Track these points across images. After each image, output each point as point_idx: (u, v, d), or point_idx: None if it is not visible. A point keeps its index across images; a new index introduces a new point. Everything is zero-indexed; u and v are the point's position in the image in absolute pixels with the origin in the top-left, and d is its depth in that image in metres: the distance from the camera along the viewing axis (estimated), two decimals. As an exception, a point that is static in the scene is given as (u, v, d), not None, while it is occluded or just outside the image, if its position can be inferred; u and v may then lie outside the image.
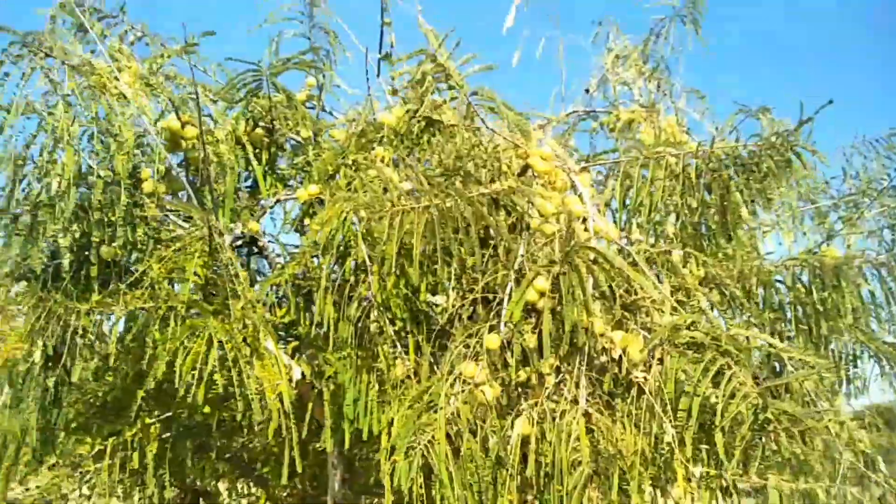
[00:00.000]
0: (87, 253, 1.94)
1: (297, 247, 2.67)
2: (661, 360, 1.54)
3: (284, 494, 3.77)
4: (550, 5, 4.00)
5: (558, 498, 1.49)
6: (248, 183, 2.59)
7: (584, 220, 1.84)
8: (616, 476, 1.46)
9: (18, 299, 1.93)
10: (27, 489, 2.15)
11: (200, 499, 3.34)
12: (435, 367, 1.91)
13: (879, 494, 2.26)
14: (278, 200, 2.52)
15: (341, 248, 2.21)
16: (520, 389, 1.75)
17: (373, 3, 2.95)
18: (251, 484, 3.83)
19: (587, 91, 3.91)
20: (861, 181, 4.14)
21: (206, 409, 2.11)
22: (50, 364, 1.92)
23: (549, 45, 3.87)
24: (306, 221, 2.75)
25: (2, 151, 1.75)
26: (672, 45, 3.94)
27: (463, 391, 1.66)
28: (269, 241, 2.58)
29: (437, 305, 2.09)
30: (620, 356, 1.58)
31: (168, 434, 2.24)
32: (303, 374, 2.43)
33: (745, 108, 3.57)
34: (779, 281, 2.89)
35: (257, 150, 2.45)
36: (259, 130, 2.49)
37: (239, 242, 2.45)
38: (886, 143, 4.18)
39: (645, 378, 1.52)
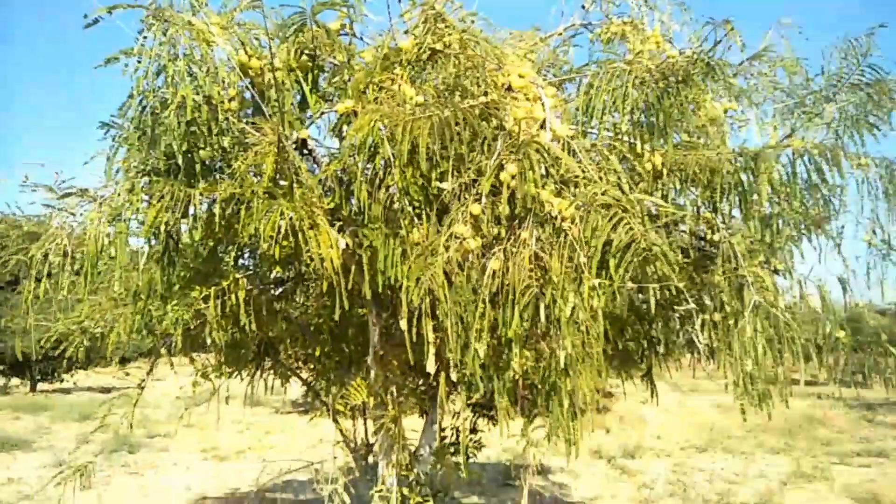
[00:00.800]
0: (191, 155, 2.72)
1: (337, 149, 3.43)
2: (583, 216, 2.26)
3: (334, 355, 4.74)
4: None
5: (515, 309, 2.28)
6: (298, 99, 3.31)
7: (543, 122, 2.52)
8: (550, 289, 2.22)
9: (144, 189, 2.73)
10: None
11: (268, 348, 4.31)
12: (437, 232, 2.68)
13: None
14: (322, 113, 3.25)
15: (371, 148, 2.94)
16: (494, 241, 2.51)
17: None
18: (307, 341, 4.77)
19: (583, 7, 4.44)
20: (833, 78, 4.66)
21: (278, 267, 2.95)
22: (169, 235, 2.75)
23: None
24: (343, 129, 3.50)
25: (135, 86, 2.50)
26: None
27: (455, 243, 2.43)
28: (316, 145, 3.34)
29: (442, 189, 2.83)
30: (558, 214, 2.30)
31: (250, 287, 3.10)
32: (346, 244, 3.25)
33: (712, 20, 4.14)
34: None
35: (304, 74, 3.16)
36: (304, 58, 3.19)
37: (294, 146, 3.21)
38: (861, 43, 4.64)
39: (570, 227, 2.25)
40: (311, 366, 4.59)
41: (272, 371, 4.56)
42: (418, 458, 4.62)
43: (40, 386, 24.81)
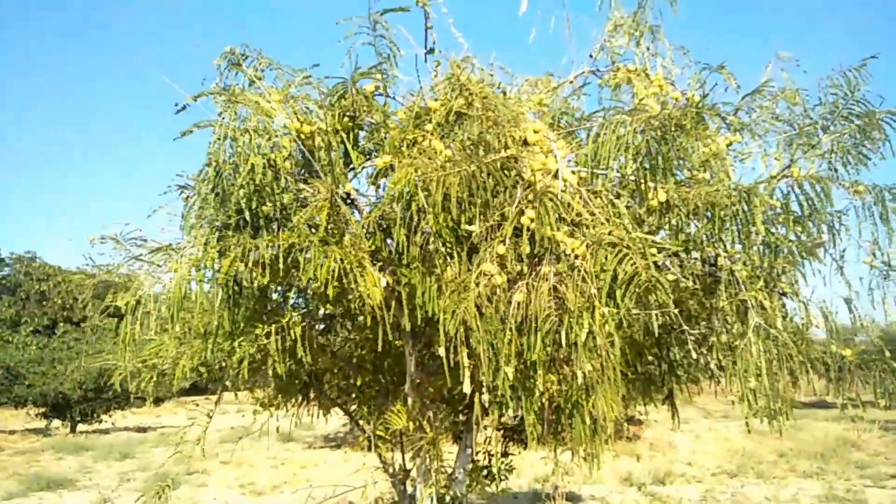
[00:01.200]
0: (256, 211, 3.16)
1: (376, 197, 3.86)
2: (593, 253, 2.62)
3: (374, 385, 5.10)
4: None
5: (538, 335, 2.64)
6: (342, 155, 3.75)
7: (556, 172, 2.90)
8: (567, 317, 2.58)
9: (218, 242, 3.17)
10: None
11: (315, 378, 4.69)
12: (468, 270, 3.06)
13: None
14: (363, 167, 3.69)
15: (408, 197, 3.36)
16: (517, 276, 2.88)
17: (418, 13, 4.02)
18: (348, 373, 5.15)
19: (591, 56, 4.87)
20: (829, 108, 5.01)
21: (329, 305, 3.36)
22: (235, 281, 3.18)
23: (558, 23, 4.82)
24: (381, 180, 3.93)
25: (212, 154, 2.96)
26: (655, 13, 4.85)
27: (484, 279, 2.81)
28: (357, 195, 3.77)
29: (471, 231, 3.22)
30: (572, 252, 2.67)
31: (304, 323, 3.51)
32: (387, 283, 3.65)
33: (708, 65, 4.56)
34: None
35: (347, 134, 3.61)
36: (346, 120, 3.64)
37: (341, 198, 3.64)
38: (853, 76, 4.99)
39: (582, 263, 2.61)
40: (353, 395, 4.96)
41: (317, 402, 4.93)
42: (453, 480, 4.94)
43: (80, 427, 25.47)
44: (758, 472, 13.89)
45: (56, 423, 25.63)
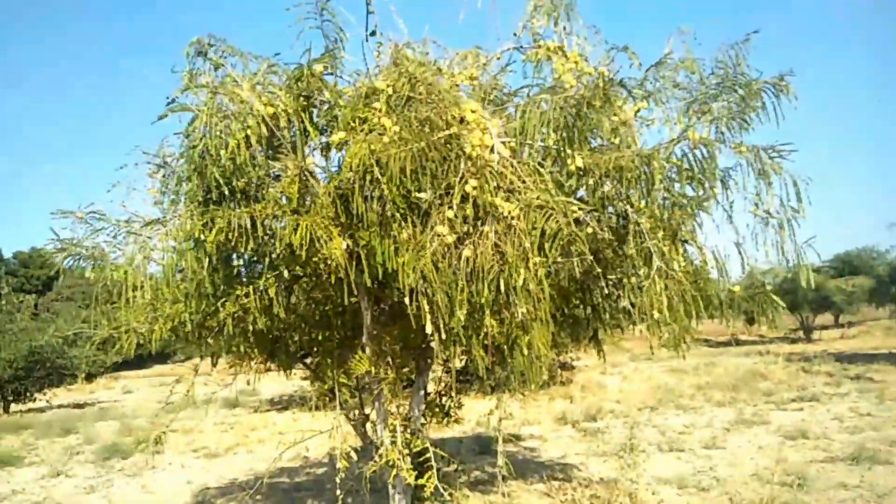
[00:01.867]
0: (233, 187, 3.57)
1: (333, 170, 4.33)
2: (525, 214, 3.21)
3: (334, 338, 5.62)
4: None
5: (484, 283, 3.22)
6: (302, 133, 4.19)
7: (492, 147, 3.45)
8: (507, 267, 3.17)
9: (203, 216, 3.57)
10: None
11: (281, 335, 5.18)
12: (422, 231, 3.60)
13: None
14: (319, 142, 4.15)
15: (363, 170, 3.84)
16: (464, 235, 3.44)
17: None
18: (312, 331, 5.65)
19: (514, 34, 5.41)
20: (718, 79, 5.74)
21: (302, 268, 3.85)
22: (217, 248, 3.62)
23: (485, 3, 5.32)
24: (334, 153, 4.40)
25: (193, 137, 3.35)
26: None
27: (437, 239, 3.36)
28: (316, 167, 4.24)
29: (421, 199, 3.75)
30: (508, 214, 3.25)
31: (278, 283, 3.99)
32: (347, 245, 4.15)
33: (616, 46, 5.18)
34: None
35: (304, 112, 4.05)
36: (302, 100, 4.07)
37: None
38: (738, 50, 5.73)
39: (517, 223, 3.20)
40: (315, 349, 5.47)
41: (283, 357, 5.42)
42: (410, 418, 5.57)
43: (13, 407, 24.89)
44: (677, 405, 15.21)
45: (-14, 406, 24.98)
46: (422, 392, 5.54)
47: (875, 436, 10.09)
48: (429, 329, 3.39)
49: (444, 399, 5.84)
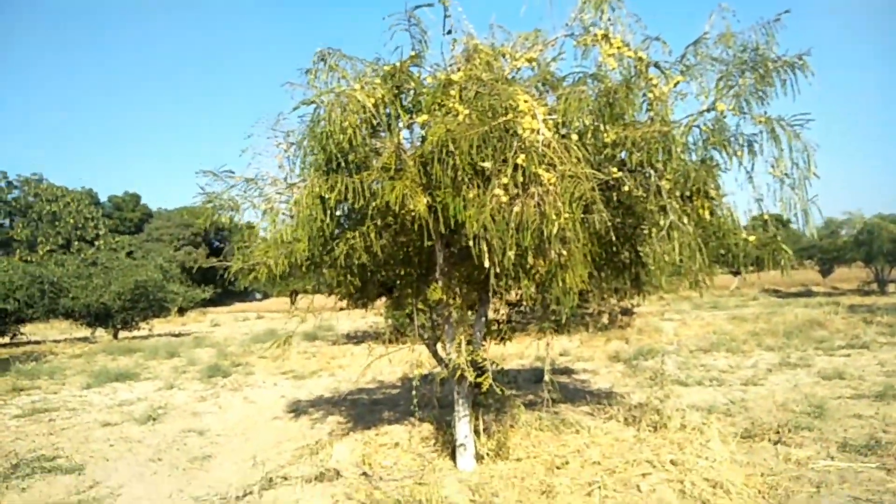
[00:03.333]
0: (346, 158, 4.82)
1: (418, 142, 5.53)
2: (560, 181, 4.31)
3: (414, 272, 6.92)
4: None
5: (528, 231, 4.37)
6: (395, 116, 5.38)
7: (538, 130, 4.52)
8: (546, 221, 4.31)
9: (326, 181, 4.85)
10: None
11: (373, 271, 6.52)
12: (484, 192, 4.75)
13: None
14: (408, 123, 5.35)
15: (440, 145, 5.01)
16: (515, 196, 4.58)
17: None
18: (396, 268, 6.97)
19: (567, 24, 6.38)
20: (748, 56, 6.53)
21: (394, 218, 5.11)
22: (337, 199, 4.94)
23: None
24: (417, 129, 5.59)
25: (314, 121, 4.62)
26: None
27: (495, 198, 4.52)
28: (405, 142, 5.45)
29: (484, 167, 4.89)
30: (548, 181, 4.35)
31: (375, 233, 5.29)
32: (427, 202, 5.37)
33: (649, 37, 6.08)
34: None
35: (395, 99, 5.23)
36: (395, 89, 5.25)
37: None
38: (767, 27, 6.48)
39: (554, 188, 4.31)
40: (398, 282, 6.81)
41: (372, 288, 6.79)
42: (472, 341, 6.87)
43: (121, 334, 28.05)
44: (728, 348, 16.01)
45: (100, 331, 28.20)
46: (483, 319, 6.81)
47: (911, 378, 10.75)
48: (486, 264, 4.59)
49: (501, 326, 7.10)
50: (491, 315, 7.42)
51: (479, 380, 5.64)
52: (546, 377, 6.56)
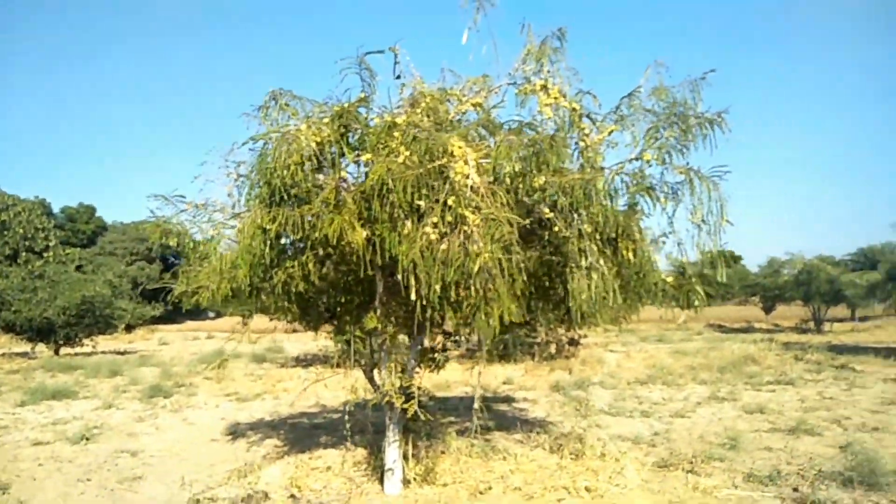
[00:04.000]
0: (289, 193, 5.15)
1: (359, 180, 5.87)
2: (484, 223, 4.69)
3: (354, 301, 7.21)
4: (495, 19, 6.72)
5: (452, 267, 4.75)
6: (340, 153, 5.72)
7: (468, 175, 4.92)
8: (469, 258, 4.68)
9: (269, 213, 5.13)
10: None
11: (312, 297, 6.79)
12: (417, 229, 5.11)
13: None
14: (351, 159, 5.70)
15: (380, 182, 5.36)
16: (444, 234, 4.95)
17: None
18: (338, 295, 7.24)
19: (510, 74, 6.85)
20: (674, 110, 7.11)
21: (333, 249, 5.43)
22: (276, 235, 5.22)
23: (489, 51, 6.75)
24: (362, 165, 5.94)
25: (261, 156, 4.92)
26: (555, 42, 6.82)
27: (425, 236, 4.88)
28: (349, 177, 5.79)
29: (419, 206, 5.25)
30: (472, 222, 4.75)
31: (314, 262, 5.58)
32: (366, 235, 5.69)
33: (582, 90, 6.57)
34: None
35: (341, 138, 5.58)
36: (341, 128, 5.61)
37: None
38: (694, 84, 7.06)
39: (478, 228, 4.68)
40: (339, 310, 7.08)
41: (312, 317, 7.04)
42: (406, 367, 7.17)
43: (63, 350, 27.30)
44: (664, 381, 16.62)
45: (40, 346, 27.41)
46: (418, 347, 7.13)
47: (825, 415, 11.43)
48: (413, 297, 4.93)
49: (436, 354, 7.42)
50: (430, 343, 7.74)
51: (403, 405, 5.93)
52: (476, 404, 6.88)
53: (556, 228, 6.02)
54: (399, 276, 5.08)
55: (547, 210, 6.05)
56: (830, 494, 6.32)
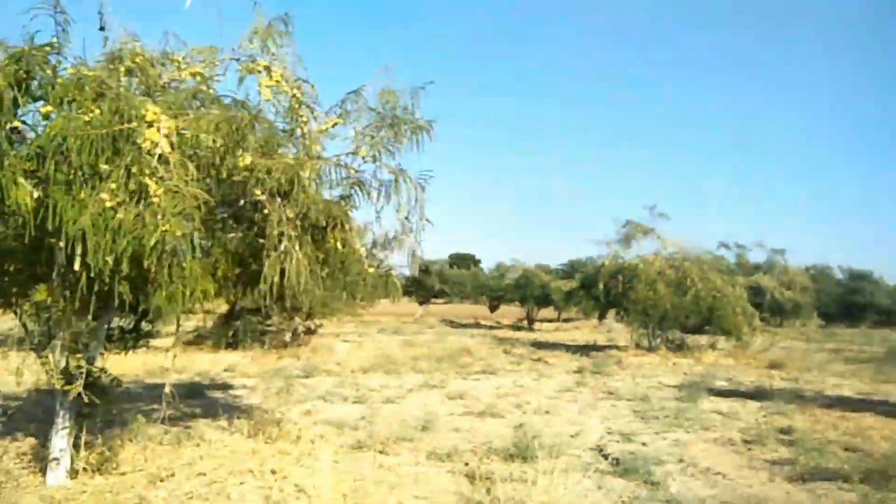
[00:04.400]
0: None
1: (39, 134, 5.20)
2: (166, 194, 4.53)
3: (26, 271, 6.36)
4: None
5: (126, 238, 4.46)
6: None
7: (157, 143, 4.65)
8: (146, 230, 4.47)
9: None
10: None
11: None
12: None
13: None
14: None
15: (60, 140, 4.80)
16: (123, 202, 4.65)
17: None
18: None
19: (233, 49, 6.63)
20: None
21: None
22: None
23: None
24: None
25: None
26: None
27: (101, 202, 4.52)
28: (24, 128, 5.09)
29: (103, 169, 4.82)
30: (154, 192, 4.56)
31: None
32: (38, 195, 5.05)
33: (302, 80, 6.61)
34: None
35: (20, 84, 4.89)
36: (21, 73, 4.91)
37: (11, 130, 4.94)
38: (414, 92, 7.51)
39: (160, 200, 4.50)
40: (7, 279, 6.19)
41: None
42: (88, 347, 6.53)
43: None
44: (386, 370, 17.43)
45: None
46: (105, 326, 6.55)
47: (512, 400, 12.95)
48: (76, 266, 4.53)
49: (128, 335, 6.89)
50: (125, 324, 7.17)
51: (65, 388, 5.41)
52: (166, 389, 6.52)
53: (266, 211, 5.97)
54: (63, 244, 4.61)
55: (259, 192, 5.97)
56: (493, 468, 7.18)
